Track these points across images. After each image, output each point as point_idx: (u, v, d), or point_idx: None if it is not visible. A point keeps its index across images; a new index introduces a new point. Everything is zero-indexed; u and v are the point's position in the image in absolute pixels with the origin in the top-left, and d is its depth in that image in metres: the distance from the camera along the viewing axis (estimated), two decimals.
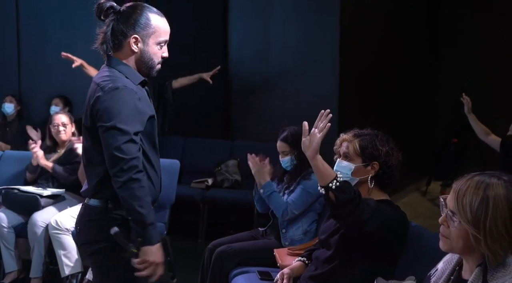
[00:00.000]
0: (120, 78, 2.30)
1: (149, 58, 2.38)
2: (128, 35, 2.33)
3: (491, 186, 1.66)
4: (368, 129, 2.67)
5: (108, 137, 2.21)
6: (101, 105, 2.23)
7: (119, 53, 2.37)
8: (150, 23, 2.35)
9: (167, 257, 4.35)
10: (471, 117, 4.64)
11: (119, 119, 2.20)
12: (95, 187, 2.33)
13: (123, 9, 2.37)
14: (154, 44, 2.38)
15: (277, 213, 3.55)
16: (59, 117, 4.66)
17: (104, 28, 2.37)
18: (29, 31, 7.10)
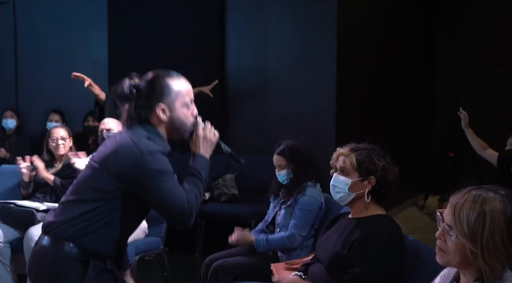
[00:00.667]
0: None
1: (180, 123, 2.38)
2: (153, 107, 2.34)
3: (488, 200, 1.65)
4: (365, 144, 2.67)
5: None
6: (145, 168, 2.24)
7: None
8: (171, 89, 2.36)
9: (164, 272, 4.36)
10: (468, 131, 4.65)
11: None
12: (69, 224, 2.29)
13: (142, 84, 2.38)
14: (181, 107, 2.37)
15: (286, 246, 3.54)
16: (57, 131, 4.64)
17: (126, 106, 2.39)
18: (27, 46, 7.14)
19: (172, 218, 2.31)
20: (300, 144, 3.68)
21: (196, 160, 2.40)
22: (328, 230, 2.77)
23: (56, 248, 2.27)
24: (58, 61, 6.93)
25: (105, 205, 2.27)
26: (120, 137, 2.35)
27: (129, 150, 2.24)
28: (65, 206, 2.34)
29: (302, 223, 3.53)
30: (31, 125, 6.93)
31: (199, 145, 2.42)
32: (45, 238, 2.32)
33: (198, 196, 2.32)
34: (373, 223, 2.52)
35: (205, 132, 2.43)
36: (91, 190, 2.28)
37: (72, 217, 2.28)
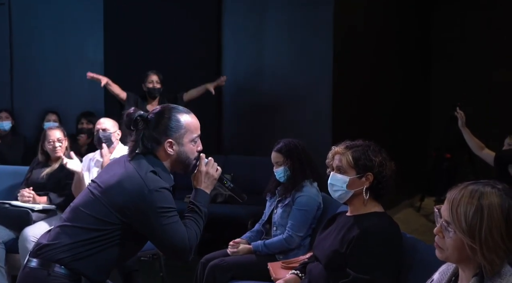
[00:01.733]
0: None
1: (186, 157, 2.42)
2: (161, 141, 2.37)
3: (485, 194, 1.64)
4: (360, 140, 2.66)
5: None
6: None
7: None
8: (181, 124, 2.39)
9: (160, 273, 4.34)
10: (465, 131, 4.65)
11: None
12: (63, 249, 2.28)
13: (151, 116, 2.41)
14: (189, 143, 2.41)
15: (285, 249, 3.54)
16: (54, 133, 4.60)
17: (134, 137, 2.41)
18: (22, 47, 7.12)
19: (172, 254, 2.35)
20: (298, 142, 3.70)
21: (197, 196, 2.46)
22: (326, 229, 2.76)
23: (46, 270, 2.25)
24: (53, 62, 6.92)
25: (103, 235, 2.27)
26: (125, 168, 2.34)
27: (136, 186, 2.26)
28: (61, 231, 2.32)
29: (300, 224, 3.52)
30: (26, 126, 6.91)
31: (201, 180, 2.47)
32: (34, 260, 2.30)
33: (198, 232, 2.38)
34: (371, 220, 2.51)
35: (207, 168, 2.48)
36: (91, 219, 2.28)
37: (68, 243, 2.27)
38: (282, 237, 3.53)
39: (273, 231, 3.68)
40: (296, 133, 5.15)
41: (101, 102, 6.51)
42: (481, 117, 7.39)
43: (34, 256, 2.31)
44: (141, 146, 2.39)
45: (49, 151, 4.59)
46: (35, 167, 4.66)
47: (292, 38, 6.16)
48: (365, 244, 2.43)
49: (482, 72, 8.13)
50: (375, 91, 6.68)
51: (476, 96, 7.90)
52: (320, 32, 5.93)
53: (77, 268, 2.25)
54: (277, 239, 3.55)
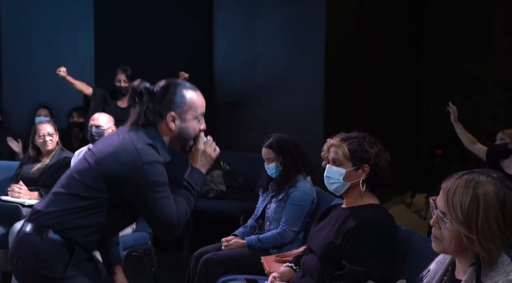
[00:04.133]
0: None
1: (187, 134, 2.40)
2: (164, 114, 2.35)
3: (481, 183, 1.63)
4: (355, 132, 2.65)
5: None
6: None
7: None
8: (185, 100, 2.38)
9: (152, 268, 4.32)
10: (457, 125, 4.67)
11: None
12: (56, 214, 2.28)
13: (157, 89, 2.38)
14: (192, 119, 2.40)
15: (278, 243, 3.52)
16: (44, 127, 4.58)
17: (137, 108, 2.38)
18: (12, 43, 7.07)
19: (159, 228, 2.34)
20: (288, 137, 3.67)
21: (192, 174, 2.42)
22: (320, 221, 2.75)
23: (40, 235, 2.25)
24: (43, 58, 6.88)
25: (94, 203, 2.26)
26: (122, 139, 2.32)
27: (130, 158, 2.24)
28: (55, 198, 2.33)
29: (294, 219, 3.51)
30: (16, 121, 6.87)
31: (198, 159, 2.44)
32: (28, 225, 2.30)
33: (188, 210, 2.35)
34: (367, 212, 2.51)
35: (205, 147, 2.45)
36: (83, 187, 2.28)
37: (60, 209, 2.27)
38: (276, 232, 3.52)
39: (267, 226, 3.67)
40: (288, 127, 5.14)
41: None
42: (472, 113, 7.42)
43: (29, 221, 2.32)
44: (144, 118, 2.35)
45: (40, 145, 4.56)
46: (26, 162, 4.63)
47: (284, 33, 6.15)
48: (360, 236, 2.42)
49: (473, 69, 8.17)
50: (368, 86, 6.69)
51: (467, 93, 7.94)
52: (312, 27, 5.93)
53: (69, 235, 2.25)
54: (271, 234, 3.54)
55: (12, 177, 4.60)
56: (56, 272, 2.23)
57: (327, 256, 2.52)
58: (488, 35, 8.17)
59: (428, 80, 8.56)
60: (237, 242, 3.64)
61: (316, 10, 5.88)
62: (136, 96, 2.38)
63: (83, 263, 2.30)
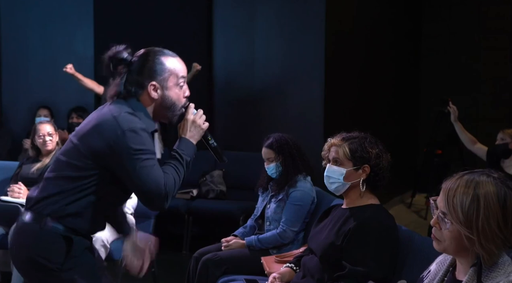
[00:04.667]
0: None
1: (172, 103, 2.32)
2: (145, 84, 2.28)
3: (481, 184, 1.63)
4: (356, 132, 2.65)
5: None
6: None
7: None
8: (165, 67, 2.30)
9: (151, 268, 4.30)
10: (457, 125, 4.67)
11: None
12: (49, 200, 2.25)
13: (134, 59, 2.32)
14: (174, 86, 2.32)
15: (278, 243, 3.51)
16: (44, 127, 4.58)
17: (117, 80, 2.32)
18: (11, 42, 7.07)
19: (146, 198, 2.23)
20: (288, 137, 3.66)
21: (181, 144, 2.34)
22: (320, 222, 2.75)
23: (39, 224, 2.22)
24: (42, 58, 6.87)
25: (85, 183, 2.22)
26: (100, 112, 2.29)
27: (109, 127, 2.19)
28: (46, 183, 2.30)
29: (294, 219, 3.51)
30: (15, 121, 6.86)
31: (187, 129, 2.36)
32: (27, 213, 2.27)
33: (177, 180, 2.26)
34: (367, 212, 2.51)
35: (195, 117, 2.37)
36: (69, 166, 2.24)
37: (53, 193, 2.24)
38: (276, 232, 3.51)
39: (266, 226, 3.66)
40: (288, 127, 5.15)
41: (91, 97, 6.47)
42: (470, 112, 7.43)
43: (27, 210, 2.29)
44: (124, 91, 2.30)
45: (40, 145, 4.56)
46: (25, 162, 4.62)
47: (283, 31, 6.14)
48: (361, 236, 2.42)
49: (471, 67, 8.17)
50: (366, 86, 6.69)
51: (465, 91, 7.94)
52: (312, 26, 5.92)
53: (68, 222, 2.22)
54: (271, 234, 3.53)
55: (12, 177, 4.59)
56: (54, 262, 2.20)
57: (327, 257, 2.52)
58: (487, 33, 8.17)
59: (427, 79, 8.56)
60: (237, 242, 3.63)
61: (315, 10, 5.87)
62: (112, 66, 2.30)
63: (82, 255, 2.26)
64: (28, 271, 2.30)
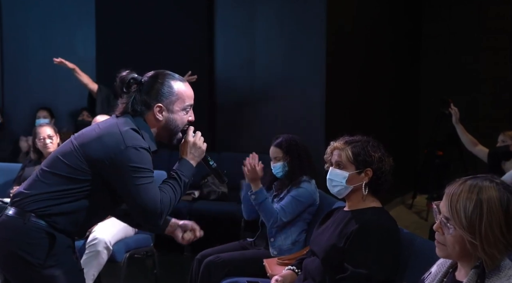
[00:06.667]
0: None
1: (175, 125, 2.39)
2: (151, 105, 2.34)
3: (484, 189, 1.64)
4: (358, 136, 2.65)
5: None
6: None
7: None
8: (173, 91, 2.36)
9: (154, 270, 4.32)
10: (459, 127, 4.67)
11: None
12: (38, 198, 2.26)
13: (145, 79, 2.38)
14: (180, 111, 2.38)
15: (267, 221, 3.50)
16: (44, 130, 4.60)
17: (125, 99, 2.37)
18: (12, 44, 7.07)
19: (141, 215, 2.29)
20: (298, 139, 3.68)
21: (181, 165, 2.41)
22: (322, 224, 2.75)
23: (22, 218, 2.24)
24: (44, 59, 6.88)
25: (77, 188, 2.25)
26: (108, 124, 2.33)
27: (114, 141, 2.23)
28: (37, 178, 2.31)
29: (288, 210, 3.48)
30: (16, 122, 6.87)
31: (187, 151, 2.42)
32: (11, 208, 2.29)
33: (173, 199, 2.31)
34: (369, 215, 2.51)
35: (195, 139, 2.43)
36: (67, 168, 2.26)
37: (42, 192, 2.26)
38: (275, 214, 3.46)
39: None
40: (288, 127, 5.15)
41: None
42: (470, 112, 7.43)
43: (11, 204, 2.30)
44: (131, 109, 2.35)
45: (40, 148, 4.59)
46: (28, 164, 4.64)
47: (284, 31, 6.15)
48: (363, 239, 2.43)
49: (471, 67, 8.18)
50: (367, 86, 6.69)
51: (465, 91, 7.95)
52: (311, 25, 5.93)
53: (51, 220, 2.24)
54: (274, 210, 3.48)
55: (14, 179, 4.61)
56: (36, 258, 2.21)
57: (329, 259, 2.53)
58: (487, 33, 8.17)
59: (427, 79, 8.57)
60: (257, 174, 3.52)
61: (315, 10, 5.87)
62: (124, 87, 2.36)
63: (64, 254, 2.28)
64: (9, 266, 2.31)
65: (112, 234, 3.89)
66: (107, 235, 3.84)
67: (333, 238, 2.54)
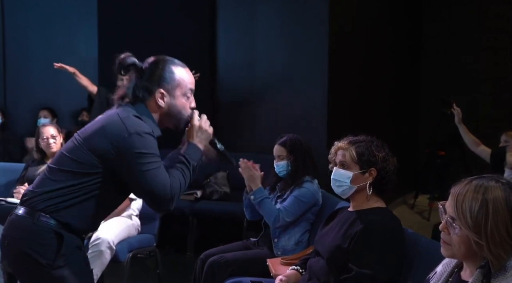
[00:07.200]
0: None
1: (177, 111, 2.38)
2: (153, 91, 2.33)
3: (490, 189, 1.65)
4: (362, 136, 2.66)
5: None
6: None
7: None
8: (174, 76, 2.36)
9: (156, 270, 4.33)
10: (461, 127, 4.68)
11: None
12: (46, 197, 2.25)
13: (145, 66, 2.37)
14: (181, 96, 2.37)
15: (268, 220, 3.51)
16: (47, 130, 4.60)
17: (124, 82, 2.38)
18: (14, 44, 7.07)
19: (152, 201, 2.27)
20: (302, 139, 3.70)
21: (189, 149, 2.38)
22: (327, 224, 2.76)
23: (32, 218, 2.23)
24: (46, 59, 6.88)
25: (85, 182, 2.24)
26: (107, 114, 2.32)
27: (116, 130, 2.22)
28: (46, 176, 2.31)
29: (291, 210, 3.49)
30: (19, 123, 6.88)
31: (194, 134, 2.41)
32: (21, 208, 2.28)
33: (182, 183, 2.29)
34: (374, 215, 2.52)
35: (200, 123, 2.42)
36: (74, 163, 2.25)
37: (51, 189, 2.25)
38: (276, 212, 3.47)
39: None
40: (290, 127, 5.15)
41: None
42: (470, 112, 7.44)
43: (21, 204, 2.30)
44: (131, 96, 2.35)
45: (44, 148, 4.59)
46: (31, 164, 4.64)
47: (285, 32, 6.15)
48: (368, 239, 2.43)
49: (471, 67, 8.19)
50: (368, 87, 6.69)
51: (465, 91, 7.95)
52: (312, 25, 5.92)
53: (61, 217, 2.23)
54: (274, 208, 3.49)
55: (18, 179, 4.61)
56: (45, 258, 2.20)
57: (334, 260, 2.53)
58: (487, 33, 8.18)
59: (427, 79, 8.57)
60: (256, 177, 3.57)
61: (316, 10, 5.88)
62: (122, 69, 2.36)
63: (72, 254, 2.27)
64: (19, 265, 2.31)
65: (115, 234, 3.90)
66: (110, 235, 3.84)
67: (337, 239, 2.54)
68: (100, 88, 5.87)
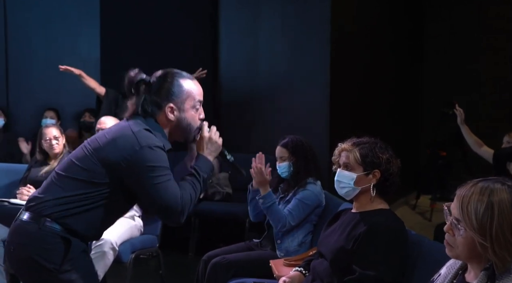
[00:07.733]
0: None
1: (187, 124, 2.39)
2: (163, 105, 2.34)
3: (495, 191, 1.65)
4: (366, 137, 2.67)
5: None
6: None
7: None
8: (183, 89, 2.36)
9: (159, 271, 4.34)
10: (464, 128, 4.68)
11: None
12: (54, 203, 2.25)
13: (153, 80, 2.37)
14: (190, 109, 2.38)
15: (275, 225, 3.51)
16: (50, 131, 4.61)
17: (134, 100, 2.37)
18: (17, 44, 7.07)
19: (163, 214, 2.29)
20: (304, 140, 3.70)
21: (199, 161, 2.41)
22: (330, 226, 2.76)
23: (37, 223, 2.23)
24: (48, 59, 6.88)
25: (93, 192, 2.24)
26: (119, 126, 2.33)
27: (128, 142, 2.23)
28: (52, 182, 2.31)
29: (295, 213, 3.50)
30: (22, 123, 6.88)
31: (204, 146, 2.43)
32: (26, 213, 2.28)
33: (193, 195, 2.32)
34: (377, 217, 2.52)
35: (210, 134, 2.44)
36: (82, 172, 2.26)
37: (58, 197, 2.25)
38: (283, 218, 3.48)
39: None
40: (293, 128, 5.16)
41: (94, 99, 6.49)
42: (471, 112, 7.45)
43: (26, 209, 2.30)
44: (141, 111, 2.35)
45: (46, 149, 4.60)
46: (34, 165, 4.65)
47: (287, 32, 6.14)
48: (371, 241, 2.44)
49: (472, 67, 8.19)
50: (370, 88, 6.70)
51: (465, 91, 7.96)
52: (315, 26, 5.93)
53: (67, 224, 2.23)
54: (282, 214, 3.49)
55: (21, 180, 4.62)
56: (52, 263, 2.21)
57: (337, 261, 2.54)
58: (488, 33, 8.19)
59: (428, 79, 8.58)
60: (265, 178, 3.54)
61: (319, 10, 5.88)
62: (133, 88, 2.36)
63: (79, 258, 2.28)
64: (25, 271, 2.31)
65: (118, 235, 3.90)
66: (113, 236, 3.84)
67: (341, 240, 2.55)
68: (108, 90, 5.86)
